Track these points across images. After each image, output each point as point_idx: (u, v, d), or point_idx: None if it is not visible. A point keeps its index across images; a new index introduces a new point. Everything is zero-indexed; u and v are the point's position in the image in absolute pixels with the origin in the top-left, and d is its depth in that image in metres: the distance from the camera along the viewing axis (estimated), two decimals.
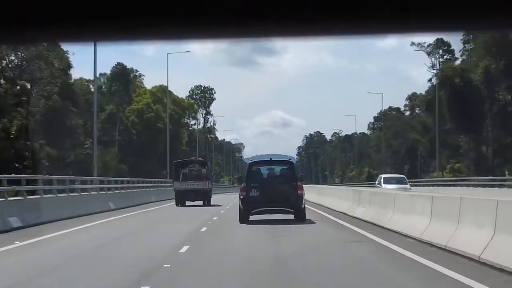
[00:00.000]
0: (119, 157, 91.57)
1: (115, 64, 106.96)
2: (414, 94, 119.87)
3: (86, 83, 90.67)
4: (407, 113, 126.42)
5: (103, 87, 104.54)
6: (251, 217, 25.57)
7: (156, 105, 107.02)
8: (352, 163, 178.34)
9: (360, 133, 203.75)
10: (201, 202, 44.21)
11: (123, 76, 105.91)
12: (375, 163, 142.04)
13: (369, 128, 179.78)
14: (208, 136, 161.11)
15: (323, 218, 28.32)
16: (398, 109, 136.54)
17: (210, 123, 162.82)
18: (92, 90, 65.50)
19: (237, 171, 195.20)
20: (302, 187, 26.52)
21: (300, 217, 25.75)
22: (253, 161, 28.76)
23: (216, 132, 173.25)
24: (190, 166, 48.70)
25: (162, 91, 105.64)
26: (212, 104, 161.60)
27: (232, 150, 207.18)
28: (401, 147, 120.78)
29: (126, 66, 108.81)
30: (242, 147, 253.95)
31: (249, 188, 26.03)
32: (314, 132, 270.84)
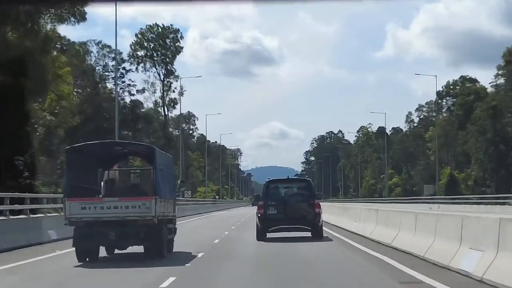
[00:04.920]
0: None
1: None
2: None
3: None
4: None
5: None
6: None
7: None
8: (393, 166, 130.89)
9: (394, 128, 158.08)
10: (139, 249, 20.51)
11: None
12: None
13: (408, 121, 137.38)
14: (169, 112, 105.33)
15: None
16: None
17: (173, 90, 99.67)
18: None
19: (229, 180, 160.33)
20: (320, 205, 27.23)
21: (317, 235, 26.82)
22: (270, 179, 28.68)
23: (193, 122, 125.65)
24: (116, 159, 23.89)
25: None
26: (179, 57, 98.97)
27: (222, 152, 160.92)
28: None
29: None
30: (239, 154, 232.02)
31: (267, 206, 26.88)
32: (327, 133, 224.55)
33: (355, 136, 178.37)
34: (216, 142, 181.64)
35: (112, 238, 19.33)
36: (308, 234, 27.08)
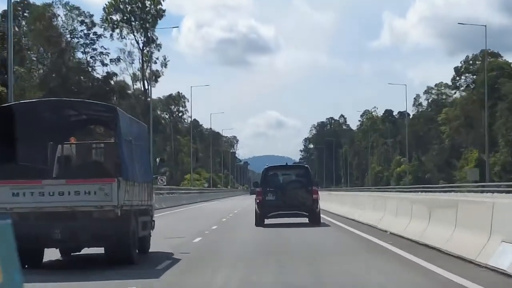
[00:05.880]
0: None
1: None
2: None
3: None
4: None
5: None
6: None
7: None
8: (401, 152, 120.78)
9: (400, 112, 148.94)
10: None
11: None
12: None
13: (416, 105, 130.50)
14: (150, 86, 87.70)
15: None
16: None
17: (155, 61, 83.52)
18: None
19: (222, 167, 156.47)
20: (317, 191, 27.94)
21: (315, 221, 27.24)
22: (268, 166, 29.20)
23: (182, 104, 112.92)
24: (72, 128, 18.41)
25: None
26: (161, 21, 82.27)
27: (216, 138, 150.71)
28: None
29: None
30: (235, 142, 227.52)
31: (265, 192, 27.43)
32: (327, 119, 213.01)
33: (359, 121, 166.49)
34: (210, 128, 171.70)
35: (56, 237, 14.67)
36: (306, 220, 27.62)
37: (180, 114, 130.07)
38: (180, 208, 52.05)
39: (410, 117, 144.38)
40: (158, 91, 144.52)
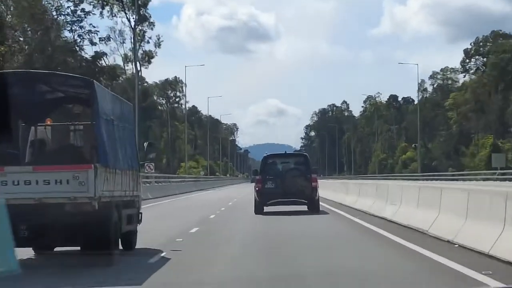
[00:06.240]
0: None
1: None
2: None
3: None
4: None
5: None
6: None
7: None
8: (407, 139, 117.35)
9: (404, 98, 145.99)
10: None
11: None
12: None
13: (421, 90, 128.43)
14: (142, 67, 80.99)
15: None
16: None
17: (148, 40, 78.13)
18: None
19: (220, 154, 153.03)
20: (316, 179, 28.14)
21: (314, 208, 27.52)
22: (268, 154, 29.37)
23: (180, 89, 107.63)
24: (47, 108, 16.42)
25: None
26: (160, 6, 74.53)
27: (215, 125, 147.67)
28: None
29: None
30: (235, 129, 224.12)
31: (265, 180, 27.73)
32: (329, 106, 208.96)
33: (362, 107, 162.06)
34: (210, 116, 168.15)
35: (22, 235, 12.38)
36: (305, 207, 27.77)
37: (177, 100, 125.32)
38: (170, 198, 47.31)
39: (415, 103, 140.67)
40: (156, 78, 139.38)
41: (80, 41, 67.26)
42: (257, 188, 27.70)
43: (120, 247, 14.45)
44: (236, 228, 21.26)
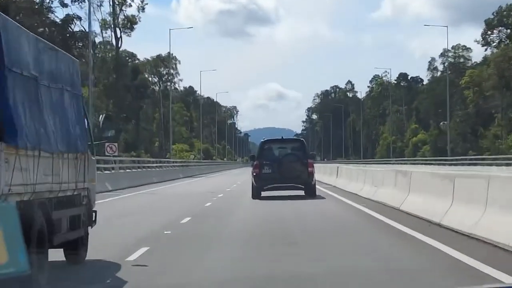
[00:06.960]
0: None
1: None
2: None
3: None
4: None
5: None
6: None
7: None
8: (417, 120, 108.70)
9: (413, 78, 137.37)
10: None
11: None
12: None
13: (430, 69, 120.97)
14: (123, 33, 71.61)
15: None
16: None
17: (129, 4, 69.50)
18: None
19: (216, 136, 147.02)
20: (313, 164, 28.38)
21: (311, 193, 27.96)
22: (265, 139, 30.18)
23: (173, 67, 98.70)
24: None
25: None
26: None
27: (212, 106, 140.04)
28: None
29: None
30: (235, 112, 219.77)
31: (262, 165, 28.04)
32: (331, 87, 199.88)
33: (368, 87, 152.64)
34: (208, 97, 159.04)
35: None
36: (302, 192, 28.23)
37: (170, 78, 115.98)
38: (137, 190, 36.54)
39: (425, 82, 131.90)
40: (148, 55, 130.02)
41: (49, 2, 58.02)
42: (254, 173, 28.15)
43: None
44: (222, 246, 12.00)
